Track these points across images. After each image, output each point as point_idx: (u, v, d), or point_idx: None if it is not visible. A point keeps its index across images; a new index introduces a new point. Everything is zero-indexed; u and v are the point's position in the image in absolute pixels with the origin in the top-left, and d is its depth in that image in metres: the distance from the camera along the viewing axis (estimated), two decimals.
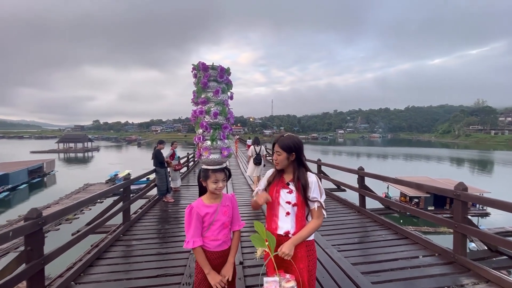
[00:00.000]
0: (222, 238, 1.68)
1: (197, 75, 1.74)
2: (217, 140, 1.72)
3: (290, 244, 1.50)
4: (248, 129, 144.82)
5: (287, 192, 1.61)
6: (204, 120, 1.72)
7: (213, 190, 1.67)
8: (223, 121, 1.76)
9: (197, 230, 1.63)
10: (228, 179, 1.75)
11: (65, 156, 52.63)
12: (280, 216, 1.62)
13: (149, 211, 5.64)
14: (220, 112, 1.72)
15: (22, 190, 23.92)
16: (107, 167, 33.56)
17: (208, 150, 1.71)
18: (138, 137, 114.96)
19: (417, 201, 18.11)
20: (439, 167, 37.54)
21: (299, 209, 1.59)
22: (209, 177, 1.66)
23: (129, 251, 3.67)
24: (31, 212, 2.24)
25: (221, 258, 1.69)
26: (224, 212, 1.70)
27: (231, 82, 1.84)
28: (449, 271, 2.93)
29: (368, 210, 5.14)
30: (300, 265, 1.54)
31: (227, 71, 1.77)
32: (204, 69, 1.69)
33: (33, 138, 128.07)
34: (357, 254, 3.44)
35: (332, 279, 2.80)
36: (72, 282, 2.78)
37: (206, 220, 1.66)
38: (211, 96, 1.72)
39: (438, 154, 56.15)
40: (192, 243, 1.60)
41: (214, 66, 1.69)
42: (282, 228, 1.61)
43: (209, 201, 1.70)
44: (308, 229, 1.57)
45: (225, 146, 1.76)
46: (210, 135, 1.72)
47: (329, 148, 75.93)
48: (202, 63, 1.68)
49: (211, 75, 1.71)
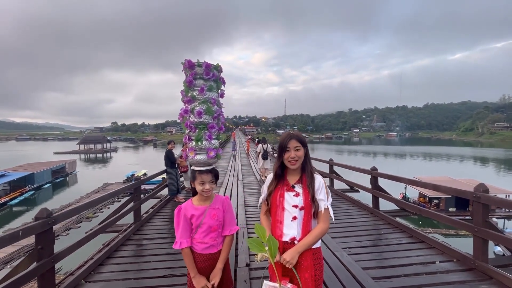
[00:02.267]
0: (209, 241, 1.63)
1: (185, 73, 1.70)
2: (203, 140, 1.67)
3: (294, 251, 1.40)
4: (261, 129, 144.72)
5: (294, 195, 1.51)
6: (188, 120, 1.68)
7: (200, 192, 1.62)
8: (209, 121, 1.69)
9: (185, 232, 1.61)
10: (216, 181, 1.68)
11: (85, 156, 54.91)
12: (286, 222, 1.51)
13: (160, 211, 5.72)
14: (205, 111, 1.65)
15: (46, 189, 25.18)
16: (125, 167, 34.66)
17: (194, 151, 1.67)
18: (154, 138, 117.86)
19: (437, 202, 17.32)
20: (461, 167, 35.78)
21: (306, 212, 1.49)
22: (195, 179, 1.62)
23: (138, 251, 3.73)
24: (41, 212, 2.31)
25: (209, 261, 1.64)
26: (213, 215, 1.65)
27: (223, 79, 1.78)
28: (468, 278, 2.74)
29: (382, 212, 4.94)
30: (306, 275, 1.44)
31: (215, 68, 1.70)
32: (190, 67, 1.64)
33: (56, 140, 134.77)
34: (368, 258, 3.31)
35: (341, 284, 2.69)
36: (83, 280, 2.85)
37: (193, 222, 1.62)
38: (197, 94, 1.67)
39: (460, 153, 53.54)
40: (179, 244, 1.59)
41: (200, 63, 1.64)
42: (288, 234, 1.50)
43: (197, 203, 1.67)
44: (314, 235, 1.45)
45: (211, 146, 1.70)
46: (195, 135, 1.68)
47: (343, 148, 74.43)
48: (188, 60, 1.63)
49: (197, 73, 1.65)
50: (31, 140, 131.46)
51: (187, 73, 1.68)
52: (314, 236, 1.45)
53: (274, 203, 1.56)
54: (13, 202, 20.02)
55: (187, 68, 1.66)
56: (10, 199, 20.08)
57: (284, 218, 1.52)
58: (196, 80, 1.68)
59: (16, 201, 20.37)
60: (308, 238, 1.45)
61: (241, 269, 3.00)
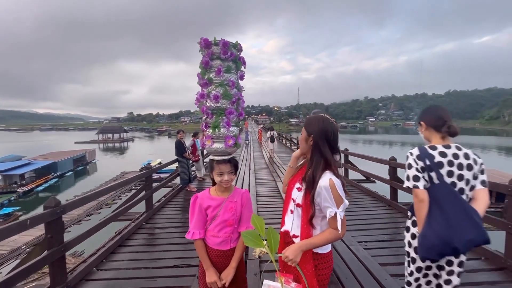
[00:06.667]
0: (222, 236, 1.52)
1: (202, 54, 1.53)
2: (220, 127, 1.52)
3: (297, 248, 1.22)
4: (274, 119, 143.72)
5: (296, 188, 1.35)
6: (204, 105, 1.53)
7: (218, 183, 1.51)
8: (227, 105, 1.53)
9: (199, 222, 1.51)
10: (235, 171, 1.55)
11: (104, 146, 56.94)
12: (287, 211, 1.42)
13: (172, 200, 5.75)
14: (222, 94, 1.49)
15: (68, 177, 26.41)
16: (141, 156, 35.59)
17: (211, 139, 1.53)
18: (168, 128, 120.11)
19: None
20: (484, 157, 33.71)
21: (304, 211, 1.29)
22: (213, 169, 1.51)
23: (150, 239, 3.74)
24: (50, 201, 2.29)
25: (220, 258, 1.54)
26: (230, 208, 1.53)
27: (243, 59, 1.60)
28: (498, 279, 2.52)
29: (401, 204, 4.69)
30: (307, 273, 1.25)
31: (234, 46, 1.52)
32: (206, 46, 1.47)
33: (76, 130, 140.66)
34: (386, 253, 3.12)
35: (356, 281, 2.54)
36: (94, 268, 2.88)
37: (208, 213, 1.52)
38: (213, 76, 1.51)
39: (484, 143, 50.74)
40: (192, 234, 1.50)
41: (217, 42, 1.47)
42: (285, 225, 1.41)
43: (215, 194, 1.55)
44: (323, 237, 1.24)
45: (230, 134, 1.55)
46: (212, 122, 1.53)
47: (358, 137, 72.53)
48: (204, 39, 1.47)
49: (214, 53, 1.49)
50: (53, 130, 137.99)
51: (203, 53, 1.52)
52: (322, 239, 1.24)
53: (289, 186, 1.43)
54: (39, 189, 21.19)
55: (203, 47, 1.50)
56: (36, 186, 21.25)
57: (288, 207, 1.41)
58: (212, 61, 1.52)
59: (41, 187, 21.53)
60: (315, 239, 1.25)
61: (251, 262, 2.91)
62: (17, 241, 10.36)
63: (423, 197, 1.47)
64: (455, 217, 1.39)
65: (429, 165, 1.48)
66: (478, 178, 1.50)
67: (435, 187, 1.47)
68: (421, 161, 1.51)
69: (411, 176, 1.52)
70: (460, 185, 1.47)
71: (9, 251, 9.69)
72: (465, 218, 1.38)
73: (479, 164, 1.51)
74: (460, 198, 1.44)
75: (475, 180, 1.49)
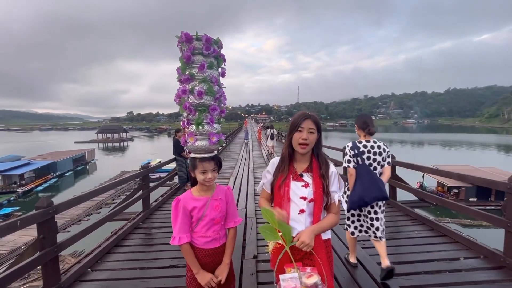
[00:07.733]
0: (212, 235, 1.50)
1: (181, 48, 1.50)
2: (204, 124, 1.49)
3: (310, 232, 1.23)
4: (273, 117, 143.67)
5: (302, 186, 1.33)
6: (187, 101, 1.50)
7: (201, 182, 1.47)
8: (211, 102, 1.51)
9: (184, 226, 1.47)
10: (219, 169, 1.53)
11: (103, 145, 56.88)
12: (292, 214, 1.33)
13: (169, 199, 5.71)
14: (206, 91, 1.47)
15: (68, 176, 26.37)
16: (141, 156, 35.56)
17: (194, 136, 1.50)
18: (168, 127, 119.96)
19: (457, 192, 16.51)
20: (484, 155, 33.96)
21: (316, 205, 1.32)
22: (196, 167, 1.47)
23: (146, 239, 3.70)
24: (42, 201, 2.25)
25: (211, 257, 1.51)
26: (215, 206, 1.50)
27: (223, 56, 1.58)
28: (498, 278, 2.48)
29: (399, 203, 4.67)
30: (321, 256, 1.28)
31: (215, 42, 1.50)
32: (187, 41, 1.43)
33: (76, 130, 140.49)
34: None
35: (353, 280, 2.51)
36: (89, 269, 2.84)
37: (194, 214, 1.48)
38: (196, 72, 1.48)
39: (483, 141, 50.73)
40: (178, 239, 1.45)
41: (199, 37, 1.43)
42: (295, 229, 1.31)
43: (198, 194, 1.52)
44: (329, 221, 1.34)
45: (213, 131, 1.53)
46: (195, 119, 1.50)
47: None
48: (185, 33, 1.43)
49: (195, 48, 1.45)
50: (53, 130, 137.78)
51: (184, 48, 1.49)
52: (329, 223, 1.34)
53: (278, 193, 1.36)
54: (38, 189, 21.14)
55: (183, 42, 1.47)
56: (35, 186, 21.21)
57: (291, 210, 1.33)
58: (194, 56, 1.49)
59: (41, 187, 21.49)
60: (323, 223, 1.32)
61: (248, 261, 2.88)
62: (17, 241, 10.35)
63: (352, 172, 2.38)
64: (368, 184, 2.30)
65: (356, 153, 2.38)
66: (385, 160, 2.42)
67: (359, 167, 2.37)
68: (352, 150, 2.40)
69: (346, 159, 2.45)
70: (374, 165, 2.39)
71: (8, 251, 9.68)
72: (373, 184, 2.29)
73: (386, 151, 2.41)
74: (372, 173, 2.34)
75: (384, 161, 2.41)
